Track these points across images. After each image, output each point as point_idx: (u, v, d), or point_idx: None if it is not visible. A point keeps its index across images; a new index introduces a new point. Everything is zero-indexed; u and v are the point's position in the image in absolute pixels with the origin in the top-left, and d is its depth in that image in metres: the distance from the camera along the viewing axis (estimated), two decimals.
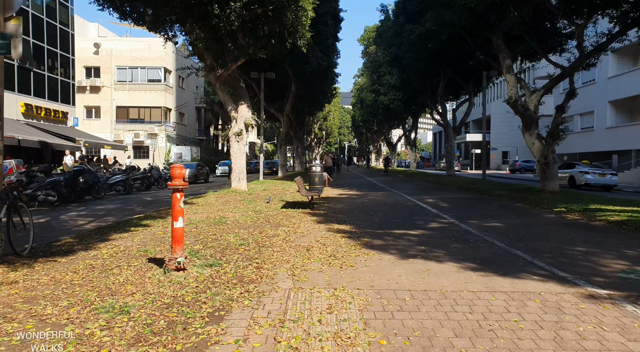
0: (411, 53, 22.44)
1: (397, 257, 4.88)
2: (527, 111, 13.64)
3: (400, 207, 10.01)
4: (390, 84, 32.12)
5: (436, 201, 11.40)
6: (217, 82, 13.61)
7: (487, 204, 10.63)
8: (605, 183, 18.16)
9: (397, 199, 12.05)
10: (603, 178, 18.11)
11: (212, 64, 13.12)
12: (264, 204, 10.48)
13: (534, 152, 13.73)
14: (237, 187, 13.49)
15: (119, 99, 36.56)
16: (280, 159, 25.82)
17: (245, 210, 9.27)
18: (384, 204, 10.67)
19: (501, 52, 13.92)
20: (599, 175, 18.17)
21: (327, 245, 5.51)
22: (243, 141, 13.68)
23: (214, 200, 11.27)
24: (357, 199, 12.21)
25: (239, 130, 13.53)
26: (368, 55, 41.86)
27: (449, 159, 25.12)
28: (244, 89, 14.46)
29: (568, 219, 7.99)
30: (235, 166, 13.55)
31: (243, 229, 6.67)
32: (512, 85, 13.74)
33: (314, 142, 63.44)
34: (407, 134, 39.17)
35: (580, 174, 18.57)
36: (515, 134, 50.86)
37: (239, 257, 4.80)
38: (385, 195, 13.38)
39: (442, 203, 10.81)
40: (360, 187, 17.26)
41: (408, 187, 16.88)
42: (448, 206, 10.07)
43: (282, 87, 25.32)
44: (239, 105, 14.02)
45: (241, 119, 13.68)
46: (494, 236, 6.20)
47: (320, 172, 13.81)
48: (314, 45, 21.14)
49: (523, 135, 14.19)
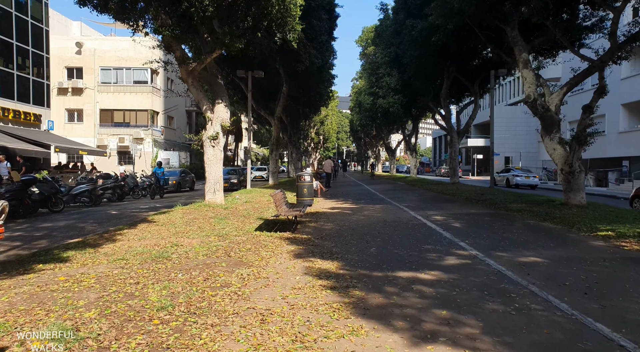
0: (412, 50, 20.63)
1: (407, 341, 2.95)
2: (547, 112, 11.78)
3: (404, 228, 8.08)
4: (389, 86, 30.31)
5: (446, 218, 9.49)
6: (189, 77, 11.72)
7: (508, 223, 8.71)
8: (529, 183, 24.98)
9: (398, 215, 10.13)
10: (528, 179, 25.09)
11: (183, 56, 11.23)
12: (236, 223, 8.54)
13: (555, 159, 11.85)
14: (211, 200, 11.55)
15: (102, 102, 34.65)
16: (271, 165, 23.92)
17: (209, 233, 7.34)
18: (383, 223, 8.74)
19: (517, 44, 12.08)
20: (525, 177, 25.25)
21: (297, 308, 3.57)
22: (219, 146, 11.77)
23: (179, 217, 9.34)
24: (351, 215, 10.28)
25: (215, 134, 11.62)
26: (366, 56, 40.17)
27: (453, 166, 23.25)
28: (222, 86, 12.58)
29: (626, 248, 6.08)
30: (210, 175, 11.62)
31: (185, 272, 4.73)
32: (531, 83, 11.88)
33: (310, 147, 61.59)
34: (407, 139, 37.36)
35: (513, 177, 25.44)
36: (519, 139, 49.11)
37: (141, 344, 2.86)
38: (384, 209, 11.46)
39: (454, 221, 8.90)
40: (356, 198, 15.34)
41: (410, 198, 14.97)
42: (462, 227, 8.15)
43: (273, 88, 23.48)
44: (216, 104, 12.12)
45: (217, 120, 11.78)
46: (544, 285, 4.28)
47: (310, 182, 11.91)
48: (306, 41, 19.33)
49: (542, 139, 12.32)
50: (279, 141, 23.96)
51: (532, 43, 12.69)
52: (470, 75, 22.13)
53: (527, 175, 25.55)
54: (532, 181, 25.04)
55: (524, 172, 26.63)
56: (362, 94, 37.74)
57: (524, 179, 24.87)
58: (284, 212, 7.48)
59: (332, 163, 27.24)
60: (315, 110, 35.73)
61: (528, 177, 25.21)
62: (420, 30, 18.72)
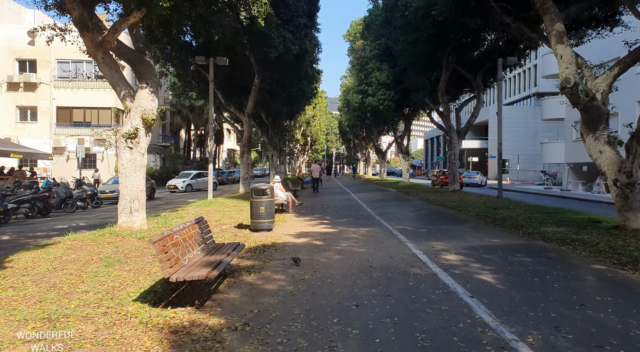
0: (406, 35, 17.49)
1: None
2: (592, 101, 8.66)
3: (401, 290, 4.77)
4: (379, 81, 27.18)
5: (463, 259, 6.23)
6: (98, 51, 8.34)
7: (565, 272, 5.46)
8: (475, 183, 31.83)
9: (391, 251, 6.84)
10: (470, 179, 31.87)
11: (83, 18, 7.85)
12: (122, 277, 5.17)
13: (602, 166, 8.72)
14: (126, 224, 8.14)
15: (60, 99, 30.91)
16: (241, 171, 20.53)
17: (49, 309, 4.00)
18: (366, 274, 5.43)
19: (547, 12, 8.92)
20: (469, 178, 31.93)
21: None
22: (140, 147, 8.38)
23: (50, 260, 5.97)
24: (321, 251, 6.97)
25: (133, 130, 8.24)
26: (355, 52, 37.05)
27: (453, 171, 20.13)
28: (151, 65, 9.21)
29: None
30: (125, 189, 8.21)
31: None
32: (569, 62, 8.73)
33: (296, 149, 58.28)
34: (398, 141, 34.26)
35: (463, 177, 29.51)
36: (516, 141, 46.36)
37: None
38: (371, 238, 8.18)
39: (479, 269, 5.64)
40: (337, 214, 12.05)
41: (405, 215, 11.73)
42: (500, 287, 4.86)
43: (246, 82, 20.16)
44: (138, 90, 8.76)
45: (138, 111, 8.40)
46: None
47: (268, 198, 8.64)
48: (279, 22, 16.08)
49: (582, 139, 9.19)
50: (251, 142, 20.59)
51: (567, 10, 9.55)
52: (472, 66, 19.08)
53: (470, 175, 32.86)
54: (475, 180, 31.98)
55: (470, 173, 34.15)
56: (351, 92, 34.59)
57: (468, 180, 31.40)
58: (182, 274, 3.99)
59: (319, 167, 24.14)
60: (298, 109, 32.44)
61: (470, 177, 32.30)
62: (415, 10, 15.60)
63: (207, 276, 3.75)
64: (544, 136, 42.92)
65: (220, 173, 40.44)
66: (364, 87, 29.87)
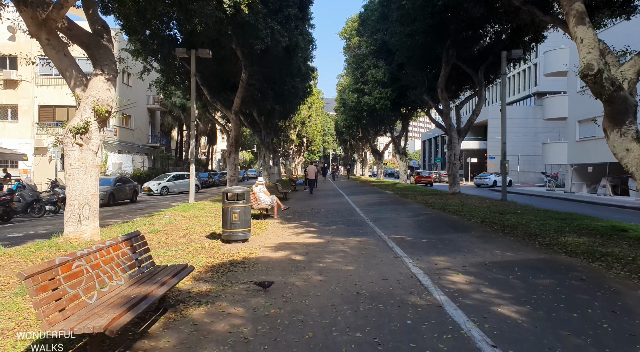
0: (403, 27, 16.32)
1: None
2: (618, 91, 7.49)
3: (395, 331, 3.51)
4: (375, 79, 26.05)
5: (473, 282, 5.02)
6: (41, 31, 7.10)
7: (606, 300, 4.23)
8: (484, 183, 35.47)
9: (384, 270, 5.63)
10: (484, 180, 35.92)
11: None
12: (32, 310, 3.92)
13: (629, 166, 7.52)
14: (73, 234, 6.88)
15: (42, 97, 29.62)
16: (228, 172, 19.28)
17: None
18: (351, 305, 4.21)
19: None
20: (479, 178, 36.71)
21: None
22: (91, 144, 7.14)
23: None
24: (300, 269, 5.74)
25: (83, 124, 7.00)
26: (350, 49, 35.93)
27: (453, 172, 18.95)
28: (109, 50, 7.98)
29: None
30: (73, 193, 6.96)
31: None
32: (591, 46, 7.55)
33: (291, 150, 57.04)
34: (396, 141, 33.09)
35: None
36: (516, 141, 45.20)
37: None
38: (361, 251, 6.96)
39: (491, 294, 4.45)
40: (326, 221, 10.82)
41: (402, 222, 10.52)
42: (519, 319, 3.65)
43: (235, 79, 18.98)
44: (92, 77, 7.54)
45: (89, 101, 7.17)
46: None
47: (243, 204, 7.43)
48: (266, 12, 14.88)
49: (605, 135, 8.01)
50: (238, 142, 19.36)
51: None
52: (473, 61, 17.95)
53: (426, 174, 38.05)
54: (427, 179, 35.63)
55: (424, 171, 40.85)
56: (346, 91, 33.42)
57: (479, 181, 36.18)
58: (71, 324, 2.65)
59: (315, 169, 22.97)
60: (292, 109, 31.22)
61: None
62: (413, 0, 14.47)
63: (107, 327, 2.51)
64: (545, 136, 41.85)
65: (212, 174, 39.26)
66: (360, 86, 28.73)
